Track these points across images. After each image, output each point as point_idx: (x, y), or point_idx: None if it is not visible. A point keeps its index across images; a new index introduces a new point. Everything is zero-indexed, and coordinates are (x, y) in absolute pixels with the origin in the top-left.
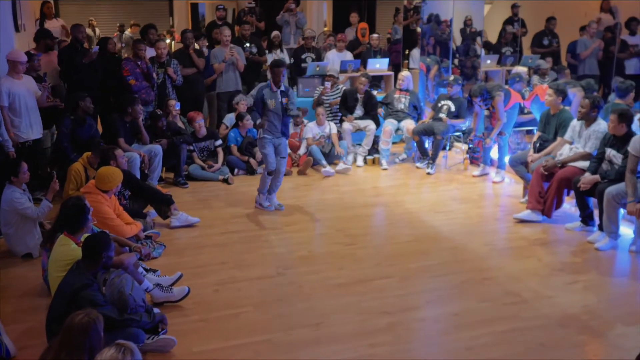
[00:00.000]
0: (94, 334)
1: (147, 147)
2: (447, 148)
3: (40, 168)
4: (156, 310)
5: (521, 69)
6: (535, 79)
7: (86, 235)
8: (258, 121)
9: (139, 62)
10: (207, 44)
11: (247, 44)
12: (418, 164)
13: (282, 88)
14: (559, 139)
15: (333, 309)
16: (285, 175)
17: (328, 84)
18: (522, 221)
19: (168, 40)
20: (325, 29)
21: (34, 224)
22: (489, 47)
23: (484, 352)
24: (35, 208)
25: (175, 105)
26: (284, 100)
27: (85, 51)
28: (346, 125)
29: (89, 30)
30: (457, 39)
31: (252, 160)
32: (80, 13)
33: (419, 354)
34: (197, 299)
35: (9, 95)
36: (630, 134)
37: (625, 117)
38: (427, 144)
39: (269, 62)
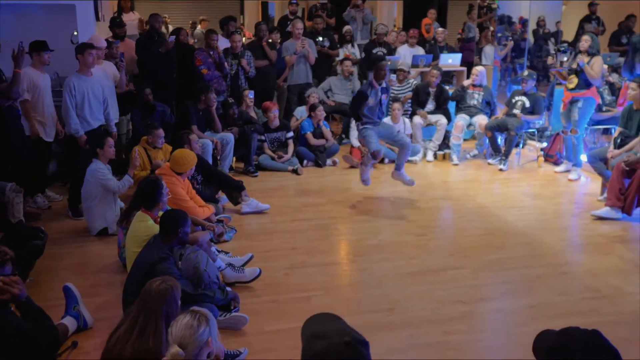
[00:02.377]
0: (171, 301)
1: (219, 135)
2: (521, 145)
3: (116, 153)
4: (228, 289)
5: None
6: (615, 77)
7: (162, 212)
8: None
9: (212, 52)
10: (280, 38)
11: (320, 38)
12: (490, 160)
13: (384, 85)
14: None
15: (405, 296)
16: (354, 167)
17: (393, 77)
18: (600, 218)
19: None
20: (395, 27)
21: (114, 199)
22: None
23: None
24: (117, 181)
25: (249, 94)
26: (384, 97)
27: (162, 40)
28: (417, 120)
29: (162, 27)
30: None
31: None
32: (154, 10)
33: (494, 343)
34: (268, 281)
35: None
36: None
37: None
38: (500, 140)
39: (340, 57)
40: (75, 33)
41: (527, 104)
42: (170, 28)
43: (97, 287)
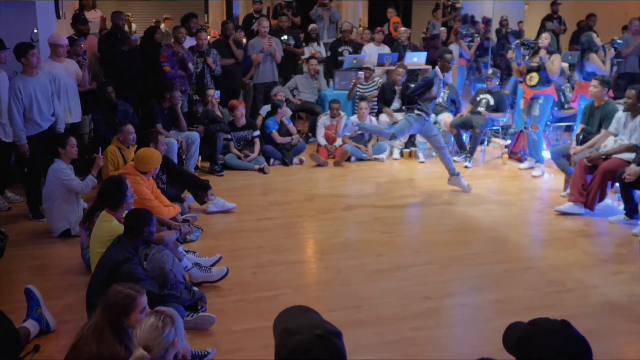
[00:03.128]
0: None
1: (184, 134)
2: (485, 143)
3: (78, 152)
4: (195, 289)
5: (563, 64)
6: (575, 75)
7: (127, 212)
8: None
9: (179, 52)
10: (245, 36)
11: (285, 36)
12: (455, 158)
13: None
14: (603, 131)
15: (373, 293)
16: (321, 166)
17: (361, 74)
18: (563, 214)
19: None
20: (360, 27)
21: (76, 200)
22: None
23: None
24: (80, 182)
25: (214, 94)
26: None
27: (125, 39)
28: (383, 118)
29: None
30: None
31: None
32: (116, 8)
33: (461, 338)
34: (235, 281)
35: (49, 80)
36: None
37: None
38: (465, 138)
39: (306, 55)
40: (35, 31)
41: (492, 102)
42: (134, 26)
43: (59, 289)
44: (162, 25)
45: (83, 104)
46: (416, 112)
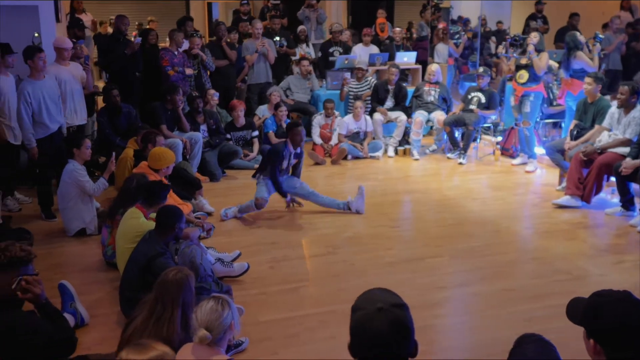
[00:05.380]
0: (187, 289)
1: (187, 134)
2: (478, 140)
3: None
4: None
5: (552, 63)
6: (561, 73)
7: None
8: None
9: (177, 53)
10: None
11: (277, 38)
12: (449, 155)
13: (298, 150)
14: (597, 126)
15: (389, 285)
16: (319, 164)
17: (347, 74)
18: (561, 207)
19: None
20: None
21: (90, 200)
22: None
23: (544, 323)
24: (92, 183)
25: (214, 94)
26: (294, 161)
27: (127, 42)
28: (377, 117)
29: (109, 29)
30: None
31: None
32: (99, 10)
33: (479, 324)
34: (254, 275)
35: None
36: None
37: None
38: (457, 135)
39: (296, 56)
40: (37, 34)
41: (483, 100)
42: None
43: (85, 285)
44: (147, 28)
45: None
46: (261, 177)
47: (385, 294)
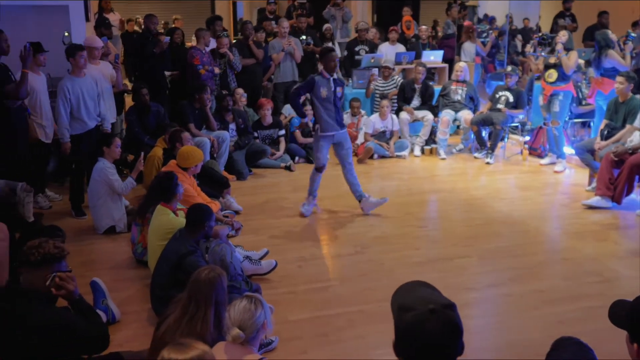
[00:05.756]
0: (219, 288)
1: (215, 133)
2: (505, 139)
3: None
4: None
5: (580, 61)
6: (591, 72)
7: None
8: None
9: (204, 51)
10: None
11: (304, 37)
12: (476, 154)
13: (335, 76)
14: (628, 126)
15: None
16: None
17: (375, 71)
18: (591, 207)
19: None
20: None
21: (119, 198)
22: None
23: (576, 325)
24: (121, 182)
25: (242, 94)
26: (339, 90)
27: (156, 41)
28: (403, 116)
29: (136, 27)
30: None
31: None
32: (126, 9)
33: (510, 326)
34: (282, 273)
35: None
36: None
37: None
38: (485, 135)
39: None
40: (66, 34)
41: (511, 99)
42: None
43: (115, 282)
44: (173, 27)
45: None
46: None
47: (432, 292)
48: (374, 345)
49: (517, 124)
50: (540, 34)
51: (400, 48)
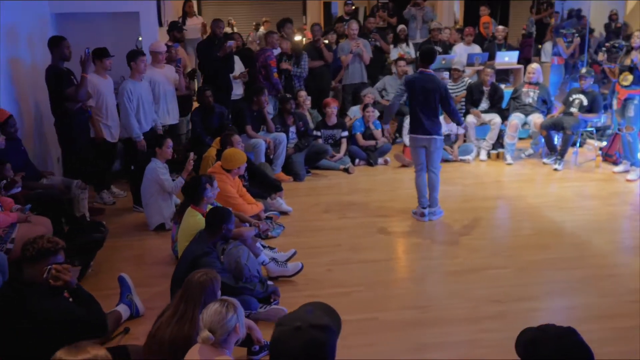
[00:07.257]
0: (209, 292)
1: (272, 135)
2: (578, 144)
3: (175, 152)
4: (269, 283)
5: None
6: None
7: (210, 207)
8: None
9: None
10: (336, 38)
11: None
12: (545, 160)
13: None
14: None
15: (443, 294)
16: (405, 166)
17: (446, 74)
18: None
19: (299, 37)
20: (456, 25)
21: (170, 196)
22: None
23: (597, 346)
24: (172, 182)
25: (306, 96)
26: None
27: (221, 45)
28: (470, 119)
29: (227, 29)
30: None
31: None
32: (219, 12)
33: None
34: (310, 277)
35: (150, 83)
36: None
37: None
38: (557, 140)
39: (394, 56)
40: (140, 39)
41: (585, 102)
42: (236, 30)
43: (151, 277)
44: (262, 28)
45: (180, 107)
46: None
47: (315, 312)
48: (381, 354)
49: (592, 129)
50: (611, 42)
51: (476, 49)
